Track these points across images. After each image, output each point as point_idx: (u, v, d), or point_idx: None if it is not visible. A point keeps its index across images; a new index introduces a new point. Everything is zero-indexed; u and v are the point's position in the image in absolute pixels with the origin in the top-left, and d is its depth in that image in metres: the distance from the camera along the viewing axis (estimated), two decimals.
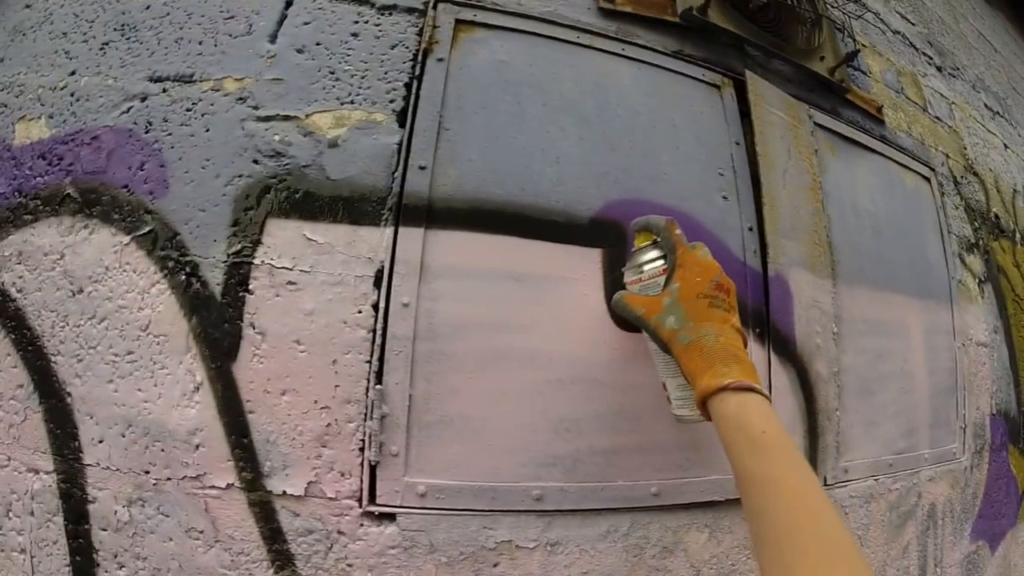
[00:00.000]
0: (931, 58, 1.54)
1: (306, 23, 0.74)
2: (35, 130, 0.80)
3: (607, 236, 0.78)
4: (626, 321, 0.65)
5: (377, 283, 0.65)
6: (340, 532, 0.62)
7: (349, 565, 0.62)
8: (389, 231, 0.67)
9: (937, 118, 1.47)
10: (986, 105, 1.81)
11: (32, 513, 0.72)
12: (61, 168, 0.77)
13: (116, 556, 0.69)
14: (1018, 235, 1.65)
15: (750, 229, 0.87)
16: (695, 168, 0.87)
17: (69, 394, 0.71)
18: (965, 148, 1.54)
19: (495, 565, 0.66)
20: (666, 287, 0.61)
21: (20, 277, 0.76)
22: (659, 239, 0.65)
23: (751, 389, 0.53)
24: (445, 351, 0.65)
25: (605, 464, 0.72)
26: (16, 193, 0.78)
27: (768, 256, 0.85)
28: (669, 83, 0.91)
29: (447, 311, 0.66)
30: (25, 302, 0.74)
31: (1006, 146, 1.82)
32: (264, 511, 0.63)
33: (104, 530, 0.69)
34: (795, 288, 0.88)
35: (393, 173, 0.69)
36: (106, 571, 0.69)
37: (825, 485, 0.89)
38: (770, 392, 0.83)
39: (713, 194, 0.87)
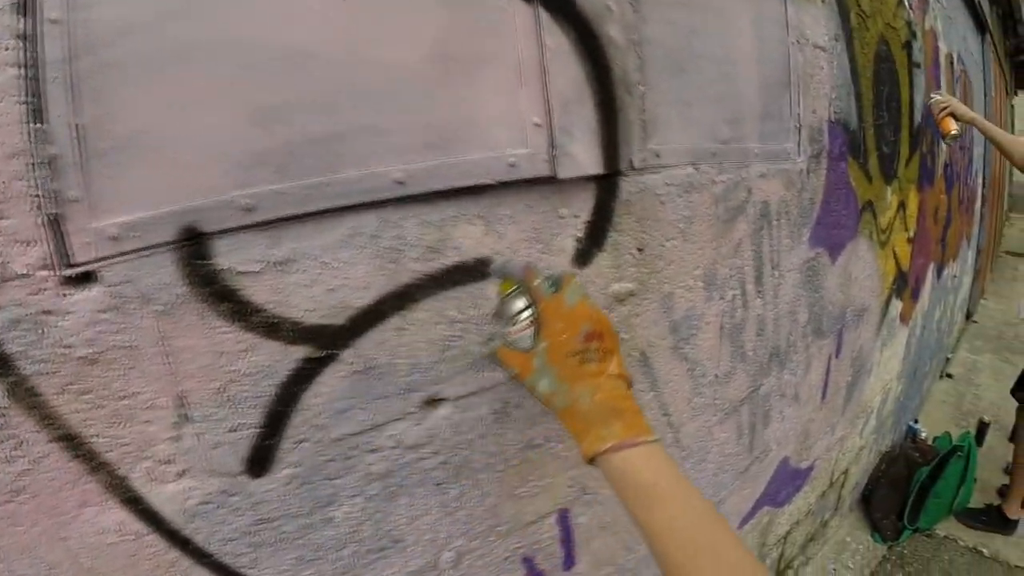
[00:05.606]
0: None
1: None
2: None
3: None
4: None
5: (23, 11, 0.46)
6: (46, 312, 0.48)
7: (68, 347, 0.49)
8: None
9: None
10: None
11: None
12: None
13: None
14: None
15: None
16: None
17: None
18: None
19: (222, 300, 0.55)
20: (535, 345, 0.60)
21: None
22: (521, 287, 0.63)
23: (635, 444, 0.53)
24: (111, 61, 0.49)
25: (327, 153, 0.57)
26: None
27: None
28: None
29: (107, 16, 0.49)
30: None
31: None
32: None
33: None
34: None
35: None
36: None
37: (632, 170, 0.80)
38: (543, 56, 0.69)
39: None
